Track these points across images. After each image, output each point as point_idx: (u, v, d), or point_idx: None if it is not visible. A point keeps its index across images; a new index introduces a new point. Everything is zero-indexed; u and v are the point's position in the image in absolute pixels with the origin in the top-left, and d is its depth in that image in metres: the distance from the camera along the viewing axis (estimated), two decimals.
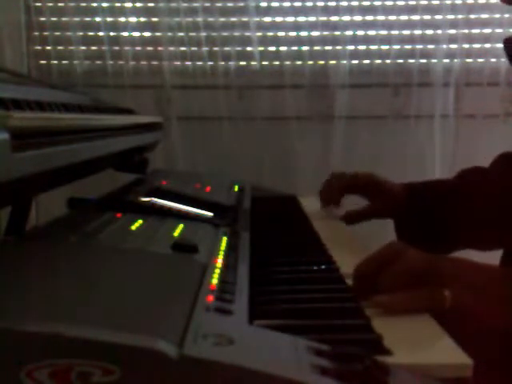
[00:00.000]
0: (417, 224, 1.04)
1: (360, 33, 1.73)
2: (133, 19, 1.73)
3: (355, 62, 1.73)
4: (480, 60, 1.72)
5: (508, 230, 0.91)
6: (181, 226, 0.72)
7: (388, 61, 1.73)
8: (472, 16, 1.71)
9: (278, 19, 1.73)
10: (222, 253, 0.63)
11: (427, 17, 1.73)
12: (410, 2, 1.73)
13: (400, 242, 0.65)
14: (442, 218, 1.02)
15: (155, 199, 0.84)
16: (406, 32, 1.73)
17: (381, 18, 1.72)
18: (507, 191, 0.93)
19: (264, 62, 1.74)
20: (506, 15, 1.69)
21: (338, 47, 1.72)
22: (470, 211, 0.98)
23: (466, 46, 1.71)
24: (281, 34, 1.73)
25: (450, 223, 1.01)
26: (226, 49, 1.73)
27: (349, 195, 1.09)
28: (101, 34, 1.73)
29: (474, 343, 0.49)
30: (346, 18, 1.72)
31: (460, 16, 1.71)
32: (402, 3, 1.73)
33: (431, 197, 1.04)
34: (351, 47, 1.72)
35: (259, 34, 1.72)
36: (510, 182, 0.95)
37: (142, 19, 1.73)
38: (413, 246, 0.62)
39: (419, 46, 1.72)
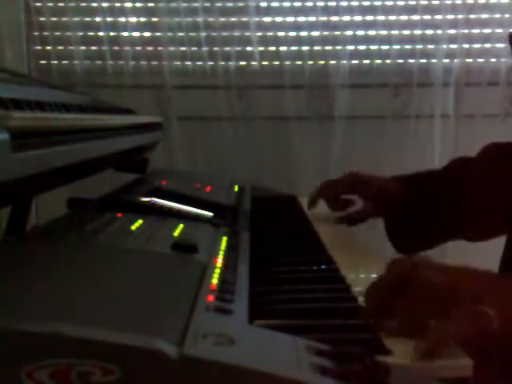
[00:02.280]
0: (406, 217, 1.03)
1: (360, 33, 1.72)
2: (133, 19, 1.73)
3: (355, 61, 1.73)
4: (480, 60, 1.72)
5: (498, 218, 0.91)
6: (181, 226, 0.72)
7: (388, 61, 1.73)
8: (472, 16, 1.71)
9: (278, 19, 1.73)
10: (221, 253, 0.63)
11: (427, 17, 1.72)
12: (410, 2, 1.73)
13: (405, 257, 0.60)
14: (430, 209, 1.02)
15: (155, 199, 0.84)
16: (406, 32, 1.73)
17: (381, 18, 1.72)
18: (494, 180, 0.93)
19: (264, 62, 1.73)
20: (506, 15, 1.69)
21: (338, 47, 1.72)
22: (458, 201, 0.99)
23: (466, 46, 1.71)
24: (281, 34, 1.72)
25: (438, 214, 1.01)
26: (226, 49, 1.73)
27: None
28: (101, 34, 1.73)
29: (474, 343, 0.49)
30: (346, 18, 1.72)
31: (460, 16, 1.71)
32: (402, 3, 1.73)
33: (419, 188, 1.04)
34: (351, 47, 1.72)
35: (259, 33, 1.72)
36: (496, 172, 0.95)
37: (142, 19, 1.73)
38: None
39: (419, 46, 1.72)
